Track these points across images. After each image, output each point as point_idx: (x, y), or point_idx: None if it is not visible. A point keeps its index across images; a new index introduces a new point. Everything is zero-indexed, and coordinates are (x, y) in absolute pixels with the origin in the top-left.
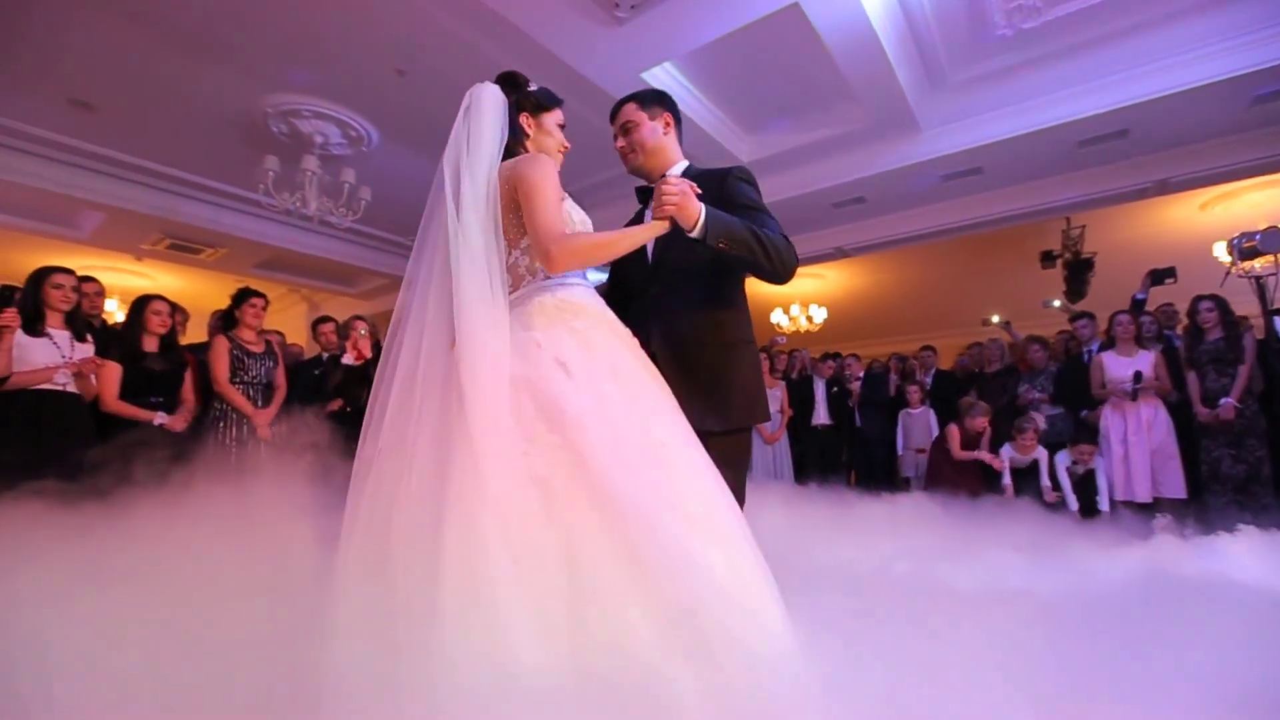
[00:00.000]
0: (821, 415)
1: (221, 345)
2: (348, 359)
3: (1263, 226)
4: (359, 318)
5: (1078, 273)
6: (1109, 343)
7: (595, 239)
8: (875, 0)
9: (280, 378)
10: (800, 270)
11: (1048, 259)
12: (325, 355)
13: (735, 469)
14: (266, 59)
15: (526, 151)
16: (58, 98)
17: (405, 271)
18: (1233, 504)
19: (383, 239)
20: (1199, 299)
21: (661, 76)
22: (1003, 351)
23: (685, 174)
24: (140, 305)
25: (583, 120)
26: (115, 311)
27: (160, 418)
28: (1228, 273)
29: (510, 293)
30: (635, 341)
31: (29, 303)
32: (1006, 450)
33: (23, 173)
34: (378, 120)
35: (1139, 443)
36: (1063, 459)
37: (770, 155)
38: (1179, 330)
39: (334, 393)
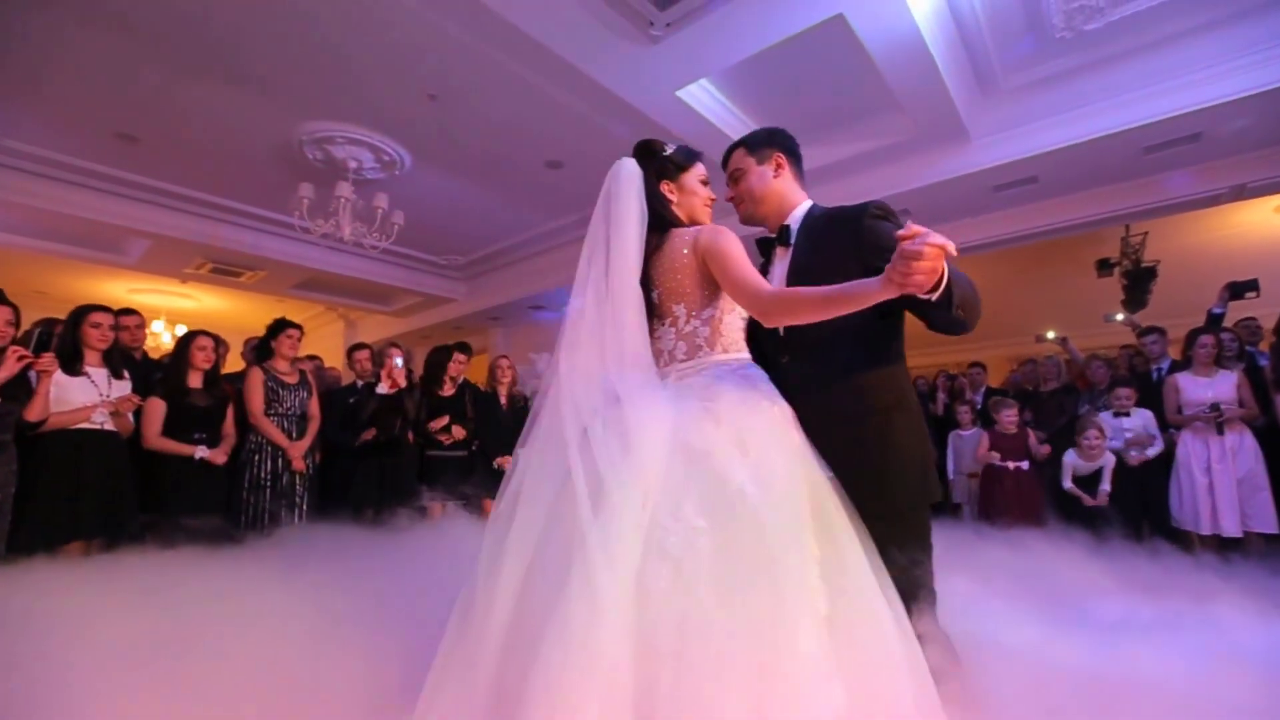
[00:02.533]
0: None
1: (256, 378)
2: (382, 388)
3: None
4: (394, 345)
5: (1138, 282)
6: (1184, 362)
7: (815, 292)
8: (924, 7)
9: (314, 408)
10: None
11: (1104, 267)
12: (360, 383)
13: (908, 556)
14: (301, 88)
15: (675, 218)
16: (104, 132)
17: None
18: None
19: (417, 259)
20: None
21: (697, 93)
22: (1059, 369)
23: (809, 215)
24: (186, 342)
25: (616, 140)
26: (161, 332)
27: (201, 451)
28: None
29: (685, 360)
30: (796, 422)
31: (67, 342)
32: (1070, 457)
33: (73, 204)
34: (410, 144)
35: (1224, 471)
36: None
37: (810, 169)
38: (1262, 346)
39: (368, 422)
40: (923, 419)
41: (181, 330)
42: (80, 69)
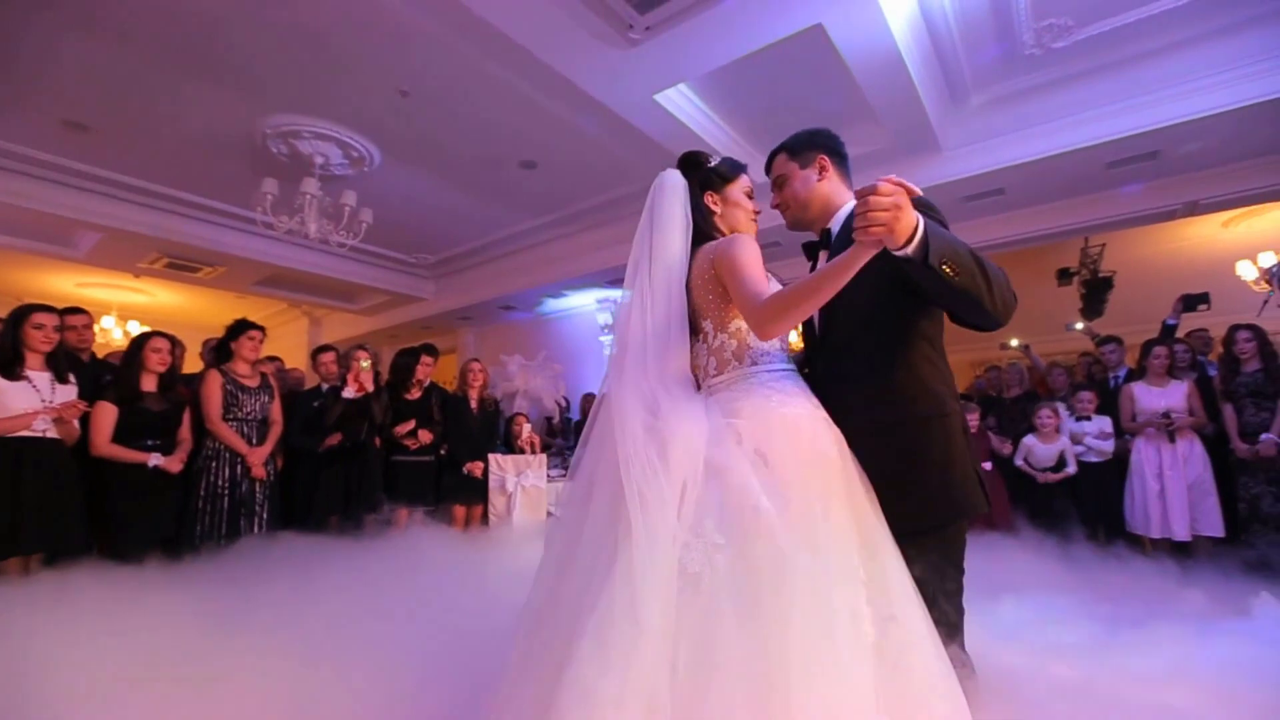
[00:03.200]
0: None
1: (214, 381)
2: (348, 392)
3: None
4: (361, 347)
5: (1096, 291)
6: (1139, 372)
7: (794, 288)
8: (901, 20)
9: (276, 412)
10: None
11: (1064, 276)
12: (325, 387)
13: (939, 575)
14: (265, 80)
15: (718, 230)
16: (51, 119)
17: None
18: (1275, 544)
19: (385, 257)
20: (1236, 328)
21: (675, 97)
22: (1022, 376)
23: (851, 215)
24: (139, 343)
25: (591, 142)
26: (112, 328)
27: (155, 459)
28: (1265, 301)
29: (716, 375)
30: (839, 435)
31: (7, 344)
32: (1028, 439)
33: (17, 194)
34: (380, 141)
35: (1175, 477)
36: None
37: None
38: (1212, 357)
39: (333, 427)
40: (963, 427)
41: (134, 327)
42: (22, 50)
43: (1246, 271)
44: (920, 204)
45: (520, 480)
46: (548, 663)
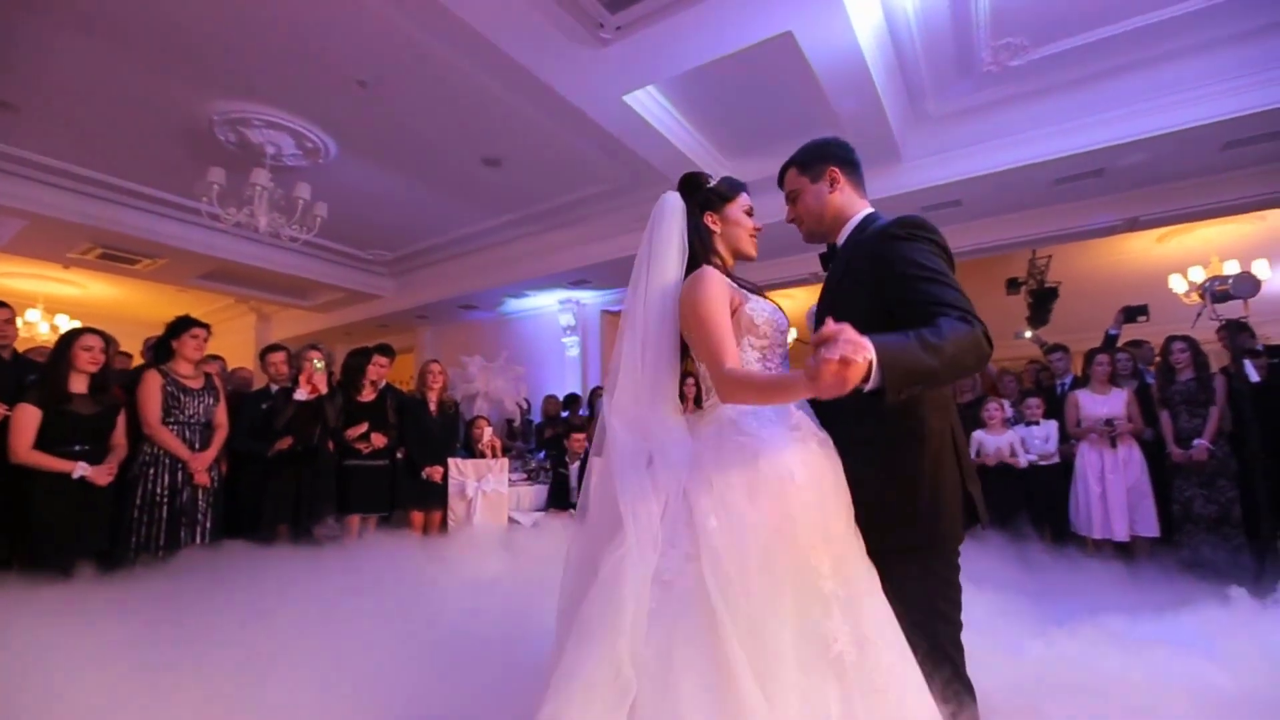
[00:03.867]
0: None
1: (153, 382)
2: (300, 394)
3: (1214, 260)
4: (314, 347)
5: (1043, 301)
6: (1083, 379)
7: (755, 384)
8: (867, 31)
9: (221, 415)
10: (770, 292)
11: (1013, 286)
12: (275, 388)
13: (924, 599)
14: (214, 61)
15: (717, 251)
16: None
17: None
18: (1205, 544)
19: (340, 252)
20: (1171, 340)
21: (644, 99)
22: (974, 381)
23: (854, 231)
24: (67, 341)
25: (557, 141)
26: (37, 321)
27: (80, 469)
28: (1199, 314)
29: (707, 398)
30: (812, 456)
31: None
32: (978, 433)
33: None
34: (336, 132)
35: (1116, 481)
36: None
37: (749, 182)
38: (1151, 367)
39: (284, 430)
40: (953, 450)
41: (64, 321)
42: None
43: (1177, 285)
44: (910, 225)
45: (481, 485)
46: (558, 654)
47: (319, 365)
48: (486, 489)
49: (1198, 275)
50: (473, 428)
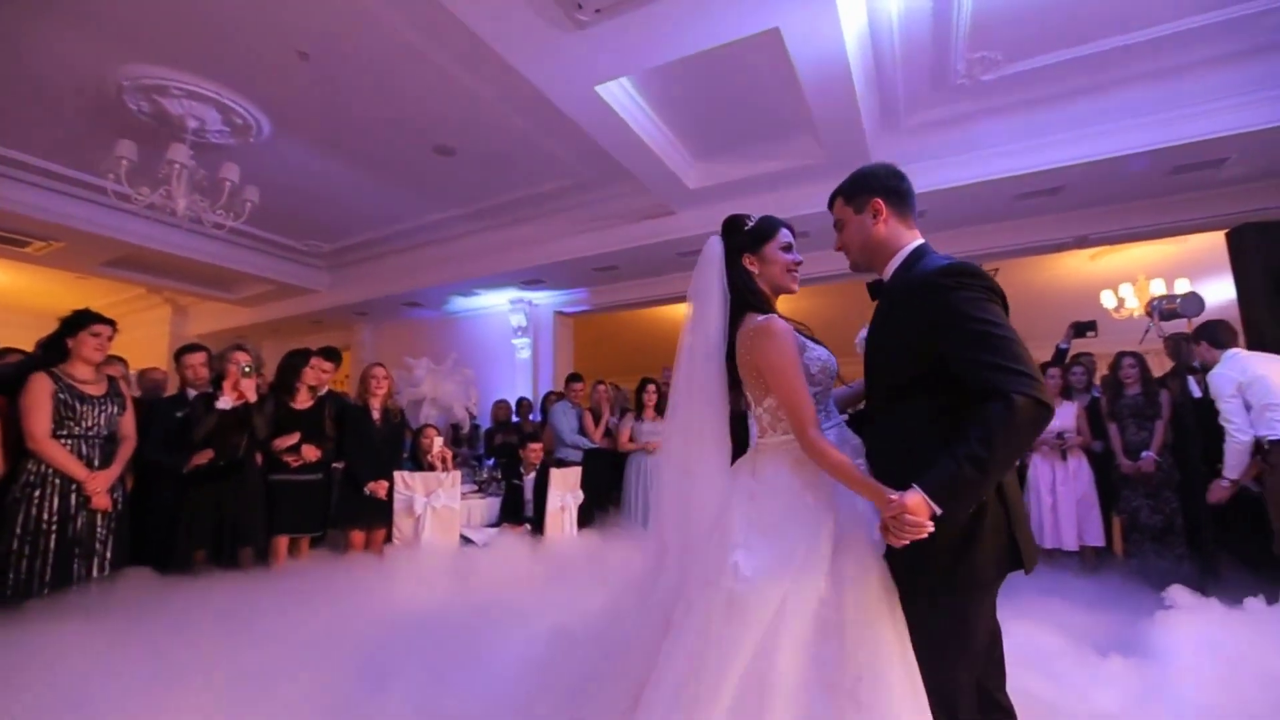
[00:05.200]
0: None
1: (41, 387)
2: (224, 402)
3: (1140, 279)
4: (240, 347)
5: None
6: None
7: (835, 463)
8: (853, 34)
9: (128, 426)
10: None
11: None
12: (192, 393)
13: (933, 654)
14: (124, 17)
15: (757, 292)
16: None
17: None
18: (1150, 553)
19: (271, 242)
20: (1122, 355)
21: (615, 91)
22: None
23: (901, 267)
24: None
25: (518, 131)
26: None
27: None
28: (1147, 330)
29: (760, 436)
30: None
31: None
32: None
33: None
34: (270, 108)
35: (1066, 493)
36: None
37: (718, 184)
38: (1097, 380)
39: (203, 443)
40: (1000, 505)
41: None
42: None
43: (1108, 300)
44: (957, 273)
45: (431, 501)
46: None
47: (246, 369)
48: (437, 504)
49: (1127, 291)
50: (420, 437)
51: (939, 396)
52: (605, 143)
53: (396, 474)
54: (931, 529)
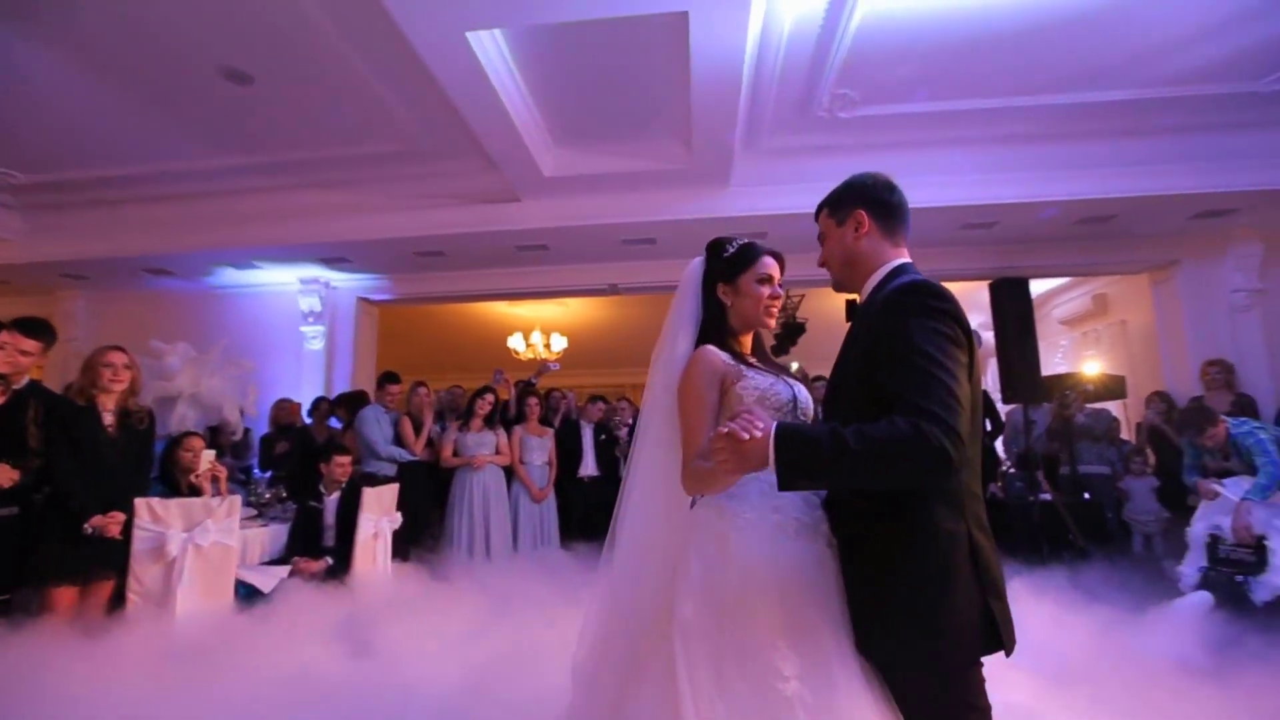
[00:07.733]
0: (589, 466)
1: None
2: None
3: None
4: None
5: (790, 335)
6: None
7: (697, 475)
8: (753, 37)
9: None
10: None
11: None
12: None
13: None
14: None
15: (728, 325)
16: None
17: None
18: None
19: None
20: None
21: (486, 42)
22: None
23: (880, 284)
24: None
25: (351, 69)
26: None
27: None
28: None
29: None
30: (823, 549)
31: None
32: None
33: None
34: None
35: None
36: None
37: (574, 175)
38: None
39: None
40: (961, 557)
41: None
42: None
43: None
44: (920, 292)
45: (194, 537)
46: None
47: None
48: (203, 542)
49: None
50: (178, 449)
51: None
52: (461, 103)
53: (140, 502)
54: (757, 450)
